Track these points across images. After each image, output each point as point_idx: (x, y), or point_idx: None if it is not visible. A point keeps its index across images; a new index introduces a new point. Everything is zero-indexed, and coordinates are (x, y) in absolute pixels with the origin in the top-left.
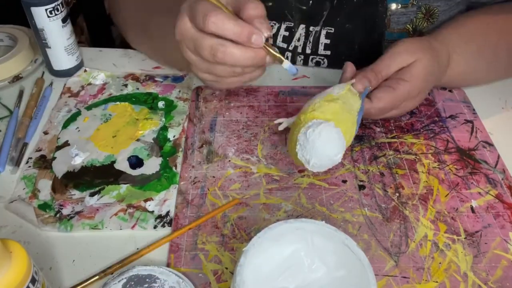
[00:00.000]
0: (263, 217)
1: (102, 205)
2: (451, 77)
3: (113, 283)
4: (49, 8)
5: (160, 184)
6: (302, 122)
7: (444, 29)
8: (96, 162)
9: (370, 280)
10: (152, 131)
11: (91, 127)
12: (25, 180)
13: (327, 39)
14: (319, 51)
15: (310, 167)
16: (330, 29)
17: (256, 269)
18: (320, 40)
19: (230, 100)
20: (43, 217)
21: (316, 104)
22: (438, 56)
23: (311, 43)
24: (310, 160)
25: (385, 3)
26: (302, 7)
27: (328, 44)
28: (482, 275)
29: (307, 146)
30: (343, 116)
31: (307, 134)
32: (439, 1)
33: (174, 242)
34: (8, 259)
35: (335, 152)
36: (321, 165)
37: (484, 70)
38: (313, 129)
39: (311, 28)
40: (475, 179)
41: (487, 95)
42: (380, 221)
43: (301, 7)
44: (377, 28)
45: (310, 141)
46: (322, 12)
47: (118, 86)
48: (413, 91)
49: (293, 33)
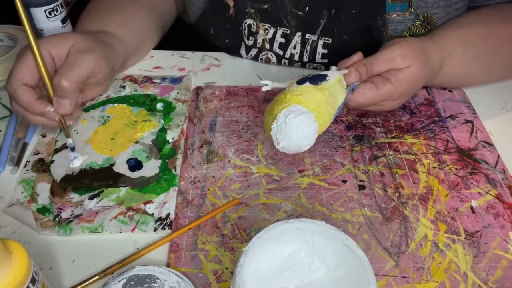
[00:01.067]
0: (263, 217)
1: (102, 208)
2: (444, 79)
3: (113, 283)
4: (48, 8)
5: (160, 187)
6: (286, 102)
7: (443, 30)
8: (95, 165)
9: (370, 280)
10: (151, 133)
11: (89, 130)
12: (24, 184)
13: (325, 49)
14: (316, 60)
15: (277, 147)
16: (328, 39)
17: (256, 269)
18: (317, 49)
19: (230, 100)
20: (42, 221)
21: (305, 89)
22: (431, 62)
23: (308, 52)
24: (280, 142)
25: (384, 15)
26: (299, 13)
27: (326, 53)
28: (482, 275)
29: (283, 129)
30: (325, 109)
31: (286, 119)
32: (438, 8)
33: (174, 242)
34: (8, 259)
35: (305, 144)
36: (288, 150)
37: (479, 74)
38: (294, 117)
39: (307, 35)
40: (475, 179)
41: (487, 95)
42: (380, 221)
43: (297, 13)
44: (375, 39)
45: (287, 126)
46: (319, 20)
47: (116, 87)
48: (395, 94)
49: (289, 41)
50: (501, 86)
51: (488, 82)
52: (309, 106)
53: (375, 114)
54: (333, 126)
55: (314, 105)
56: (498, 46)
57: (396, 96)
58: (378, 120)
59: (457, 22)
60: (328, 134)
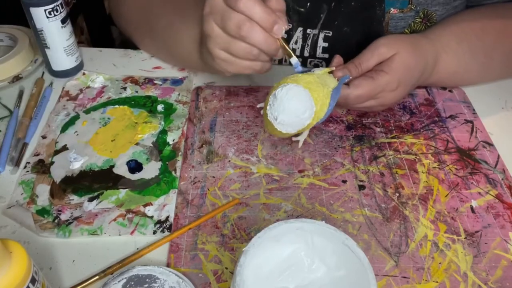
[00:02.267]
0: (263, 217)
1: (101, 210)
2: (441, 75)
3: (113, 283)
4: (48, 8)
5: (160, 189)
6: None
7: (437, 27)
8: (95, 167)
9: (370, 280)
10: (151, 134)
11: (89, 131)
12: (23, 185)
13: (325, 43)
14: (317, 54)
15: (277, 125)
16: (328, 32)
17: (256, 269)
18: (318, 43)
19: (230, 100)
20: (41, 222)
21: (292, 76)
22: (422, 54)
23: (309, 46)
24: (277, 116)
25: (382, 6)
26: (300, 9)
27: (326, 47)
28: (482, 275)
29: (275, 104)
30: (316, 87)
31: (276, 94)
32: (437, 5)
33: (174, 242)
34: (8, 259)
35: (301, 110)
36: (289, 123)
37: (476, 71)
38: (281, 88)
39: (308, 30)
40: (475, 179)
41: (487, 95)
42: (380, 221)
43: (299, 9)
44: (375, 31)
45: (278, 98)
46: (320, 14)
47: (117, 89)
48: (392, 83)
49: (290, 36)
50: (501, 86)
51: (486, 79)
52: (298, 83)
53: (375, 114)
54: (333, 126)
55: (304, 83)
56: (495, 43)
57: (394, 85)
58: (378, 120)
59: (452, 19)
60: (328, 134)
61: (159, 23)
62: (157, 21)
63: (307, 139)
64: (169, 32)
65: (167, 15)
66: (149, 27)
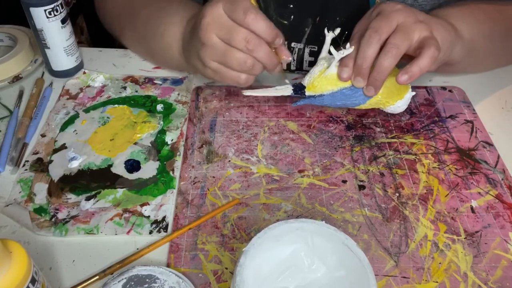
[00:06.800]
0: (263, 217)
1: (98, 210)
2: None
3: (113, 283)
4: (48, 8)
5: (157, 189)
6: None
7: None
8: (93, 166)
9: (370, 280)
10: (150, 134)
11: (89, 130)
12: (21, 184)
13: (311, 57)
14: (304, 68)
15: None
16: (314, 47)
17: (256, 269)
18: (304, 57)
19: (230, 100)
20: (38, 221)
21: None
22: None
23: (296, 61)
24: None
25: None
26: (284, 22)
27: (313, 61)
28: (482, 275)
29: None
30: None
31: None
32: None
33: (174, 242)
34: (8, 259)
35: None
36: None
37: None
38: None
39: (293, 44)
40: (475, 179)
41: (487, 95)
42: (380, 221)
43: (282, 21)
44: None
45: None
46: (304, 28)
47: (117, 88)
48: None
49: None
50: (501, 86)
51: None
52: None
53: (375, 114)
54: (333, 126)
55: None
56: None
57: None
58: (378, 120)
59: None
60: (328, 134)
61: (141, 15)
62: (139, 12)
63: (307, 139)
64: (150, 25)
65: (149, 7)
66: (130, 18)
